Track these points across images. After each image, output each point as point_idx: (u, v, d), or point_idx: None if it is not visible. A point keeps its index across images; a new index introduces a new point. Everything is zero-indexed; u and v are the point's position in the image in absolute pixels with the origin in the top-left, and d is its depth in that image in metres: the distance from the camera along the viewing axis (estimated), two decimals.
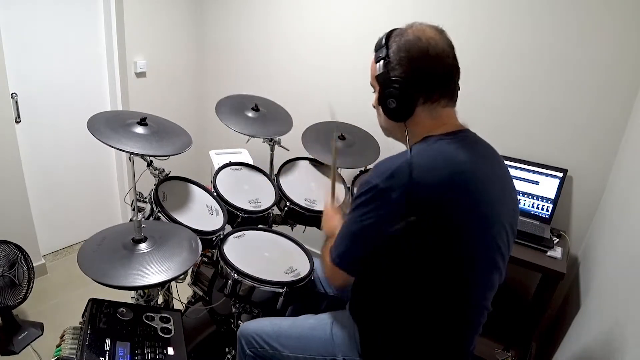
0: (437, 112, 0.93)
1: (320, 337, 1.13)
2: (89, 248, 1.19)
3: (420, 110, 0.91)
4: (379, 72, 0.92)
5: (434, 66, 0.89)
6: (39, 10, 2.08)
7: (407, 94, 0.90)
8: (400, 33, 0.91)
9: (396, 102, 0.91)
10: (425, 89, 0.90)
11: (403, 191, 0.82)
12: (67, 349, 1.03)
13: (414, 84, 0.89)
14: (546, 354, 1.66)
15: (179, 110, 2.85)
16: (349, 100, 2.32)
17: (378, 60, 0.93)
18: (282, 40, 2.48)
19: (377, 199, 0.86)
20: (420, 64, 0.89)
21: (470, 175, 0.88)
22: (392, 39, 0.91)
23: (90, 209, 2.64)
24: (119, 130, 1.35)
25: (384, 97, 0.93)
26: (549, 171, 1.80)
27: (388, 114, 0.94)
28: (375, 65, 0.94)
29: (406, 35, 0.90)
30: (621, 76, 1.65)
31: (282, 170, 1.90)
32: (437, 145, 0.89)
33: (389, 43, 0.91)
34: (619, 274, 1.16)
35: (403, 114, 0.93)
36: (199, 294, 1.71)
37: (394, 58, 0.89)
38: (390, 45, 0.91)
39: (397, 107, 0.91)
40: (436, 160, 0.87)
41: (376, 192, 0.85)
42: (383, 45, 0.92)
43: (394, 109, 0.92)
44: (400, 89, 0.90)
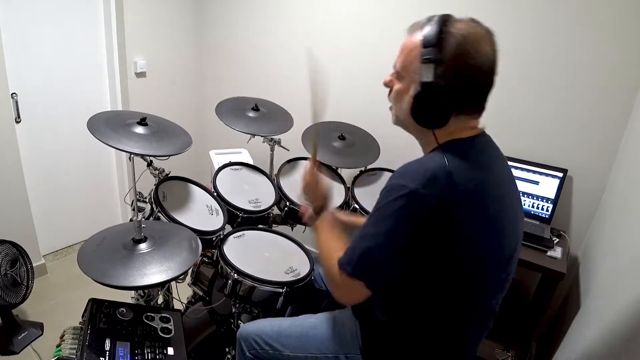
0: (465, 122, 0.88)
1: (322, 335, 1.12)
2: (89, 248, 1.19)
3: (452, 121, 0.85)
4: (427, 78, 0.81)
5: (483, 82, 0.84)
6: (39, 10, 2.08)
7: (449, 107, 0.83)
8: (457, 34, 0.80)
9: (434, 114, 0.84)
10: (465, 103, 0.85)
11: (440, 197, 0.78)
12: (67, 349, 1.03)
13: (458, 99, 0.83)
14: (546, 354, 1.66)
15: (179, 110, 2.85)
16: (349, 101, 2.32)
17: (428, 60, 0.80)
18: (282, 40, 2.48)
19: (413, 205, 0.79)
20: (472, 79, 0.82)
21: (493, 181, 0.87)
22: (447, 39, 0.80)
23: (90, 209, 2.64)
24: (119, 130, 1.35)
25: (422, 105, 0.84)
26: (549, 171, 1.80)
27: (417, 118, 0.86)
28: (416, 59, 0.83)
29: (466, 40, 0.80)
30: (621, 76, 1.65)
31: (282, 170, 1.90)
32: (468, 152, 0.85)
33: (443, 44, 0.80)
34: (619, 274, 1.16)
35: (435, 123, 0.85)
36: (199, 294, 1.71)
37: (448, 66, 0.80)
38: (445, 48, 0.79)
39: (432, 118, 0.84)
40: (472, 169, 0.83)
41: (413, 197, 0.78)
42: (434, 44, 0.80)
43: (428, 117, 0.85)
44: (443, 101, 0.82)
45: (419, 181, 0.78)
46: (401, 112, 0.91)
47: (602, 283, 1.33)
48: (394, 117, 0.96)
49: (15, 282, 1.74)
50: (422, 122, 0.86)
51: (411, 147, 1.00)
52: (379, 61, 2.16)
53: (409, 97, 0.86)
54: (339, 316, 1.15)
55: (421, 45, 0.82)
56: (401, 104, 0.90)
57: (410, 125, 0.91)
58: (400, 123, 0.95)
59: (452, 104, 0.83)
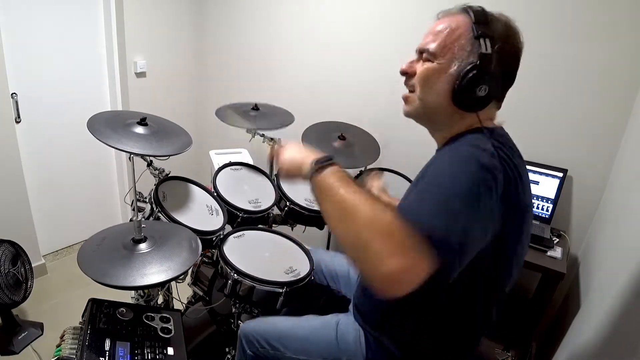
0: (492, 112, 0.88)
1: (325, 339, 1.10)
2: (89, 248, 1.19)
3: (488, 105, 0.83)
4: (486, 50, 0.77)
5: (516, 68, 0.84)
6: (39, 10, 2.08)
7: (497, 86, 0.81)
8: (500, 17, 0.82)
9: (486, 91, 0.79)
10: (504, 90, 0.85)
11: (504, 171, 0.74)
12: (67, 349, 1.03)
13: (505, 78, 0.83)
14: (546, 354, 1.66)
15: (179, 110, 2.85)
16: (349, 101, 2.32)
17: (482, 35, 0.78)
18: (282, 40, 2.48)
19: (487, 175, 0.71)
20: (516, 60, 0.83)
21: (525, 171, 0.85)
22: (494, 20, 0.81)
23: (90, 209, 2.64)
24: (119, 130, 1.35)
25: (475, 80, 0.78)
26: (549, 171, 1.80)
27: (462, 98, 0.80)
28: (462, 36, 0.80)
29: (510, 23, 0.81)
30: (621, 76, 1.65)
31: None
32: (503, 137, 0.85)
33: (493, 23, 0.80)
34: (619, 273, 1.16)
35: (480, 105, 0.81)
36: (199, 294, 1.71)
37: (502, 42, 0.79)
38: (495, 27, 0.80)
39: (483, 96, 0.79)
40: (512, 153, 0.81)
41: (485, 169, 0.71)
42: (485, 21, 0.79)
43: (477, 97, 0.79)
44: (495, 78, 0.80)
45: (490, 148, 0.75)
46: (432, 93, 0.83)
47: (602, 283, 1.33)
48: (415, 103, 0.87)
49: (18, 280, 1.75)
50: (463, 102, 0.80)
51: (411, 147, 1.01)
52: (380, 61, 2.16)
53: (448, 75, 0.81)
54: (342, 320, 1.13)
55: (472, 22, 0.80)
56: (435, 84, 0.82)
57: (440, 109, 0.84)
58: (425, 108, 0.86)
59: (498, 85, 0.81)
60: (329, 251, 1.63)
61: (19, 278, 1.75)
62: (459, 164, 0.73)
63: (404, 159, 2.07)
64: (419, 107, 0.87)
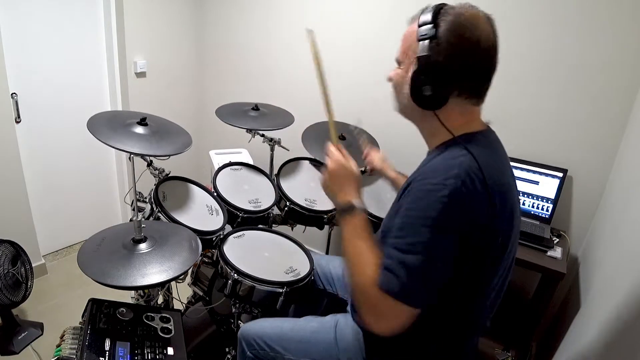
0: (467, 109, 0.88)
1: (324, 341, 1.10)
2: (89, 248, 1.19)
3: (452, 103, 0.84)
4: (422, 52, 0.81)
5: (481, 60, 0.83)
6: (39, 10, 2.08)
7: (446, 83, 0.82)
8: (453, 13, 0.81)
9: (432, 90, 0.82)
10: (464, 83, 0.83)
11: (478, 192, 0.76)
12: (67, 349, 1.03)
13: (455, 75, 0.82)
14: (546, 354, 1.66)
15: (179, 110, 2.85)
16: (349, 101, 2.32)
17: (423, 38, 0.81)
18: (282, 40, 2.48)
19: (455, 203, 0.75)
20: (468, 54, 0.81)
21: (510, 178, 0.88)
22: (442, 16, 0.81)
23: (90, 209, 2.64)
24: (119, 130, 1.35)
25: (419, 81, 0.83)
26: (549, 171, 1.80)
27: (417, 99, 0.85)
28: (413, 41, 0.84)
29: (460, 17, 0.81)
30: (621, 76, 1.65)
31: (282, 170, 1.90)
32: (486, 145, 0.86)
33: (438, 21, 0.81)
34: (619, 273, 1.16)
35: (433, 104, 0.85)
36: (199, 294, 1.71)
37: (443, 40, 0.80)
38: (440, 24, 0.80)
39: (431, 95, 0.83)
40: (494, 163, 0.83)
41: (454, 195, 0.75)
42: (431, 21, 0.81)
43: (427, 96, 0.83)
44: (440, 77, 0.81)
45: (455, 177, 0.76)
46: (402, 98, 0.90)
47: (602, 283, 1.33)
48: (395, 104, 0.95)
49: (17, 281, 1.75)
50: (421, 102, 0.85)
51: (411, 147, 1.01)
52: (380, 61, 2.16)
53: (407, 79, 0.86)
54: (341, 322, 1.13)
55: (418, 26, 0.83)
56: (402, 90, 0.89)
57: (412, 110, 0.89)
58: (402, 110, 0.94)
59: (449, 79, 0.82)
60: (324, 255, 1.64)
61: (18, 278, 1.75)
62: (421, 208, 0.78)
63: (404, 159, 2.07)
64: (398, 108, 0.95)
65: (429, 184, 0.78)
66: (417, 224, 0.77)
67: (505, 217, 0.83)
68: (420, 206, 0.78)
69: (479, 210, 0.77)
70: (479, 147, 0.83)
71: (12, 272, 1.72)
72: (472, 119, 0.89)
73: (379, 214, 1.73)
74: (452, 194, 0.75)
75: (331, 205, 1.77)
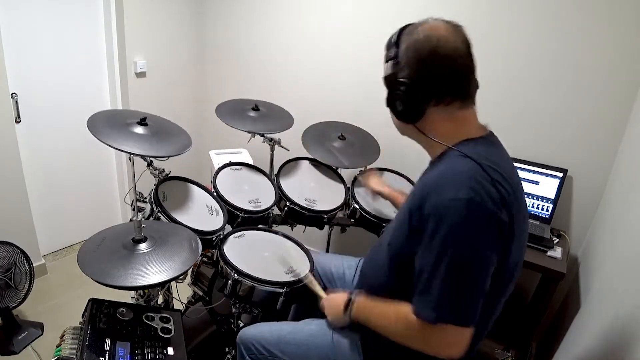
0: (454, 114, 0.88)
1: (321, 343, 1.10)
2: (89, 248, 1.19)
3: (433, 112, 0.87)
4: (387, 73, 0.90)
5: (443, 67, 0.84)
6: (39, 10, 2.08)
7: (415, 96, 0.86)
8: (410, 31, 0.87)
9: (403, 105, 0.88)
10: (435, 91, 0.86)
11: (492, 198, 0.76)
12: (67, 349, 1.03)
13: (421, 86, 0.86)
14: (546, 354, 1.66)
15: (179, 110, 2.85)
16: (349, 100, 2.32)
17: (387, 59, 0.90)
18: (282, 40, 2.48)
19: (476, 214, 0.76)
20: (428, 64, 0.84)
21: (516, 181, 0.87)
22: (403, 37, 0.87)
23: (90, 209, 2.64)
24: (119, 130, 1.35)
25: (391, 98, 0.90)
26: (549, 171, 1.80)
27: (397, 116, 0.92)
28: (385, 65, 0.92)
29: (416, 33, 0.86)
30: (621, 76, 1.65)
31: (282, 170, 1.90)
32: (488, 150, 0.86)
33: (399, 42, 0.88)
34: (619, 274, 1.16)
35: (411, 116, 0.89)
36: (199, 294, 1.71)
37: (402, 58, 0.86)
38: (400, 45, 0.87)
39: (404, 109, 0.89)
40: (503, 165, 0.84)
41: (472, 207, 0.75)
42: (393, 44, 0.89)
43: (402, 111, 0.89)
44: (406, 91, 0.86)
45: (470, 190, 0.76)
46: (392, 117, 0.96)
47: (602, 283, 1.33)
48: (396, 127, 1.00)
49: (8, 285, 1.74)
50: (401, 117, 0.91)
51: (411, 147, 1.00)
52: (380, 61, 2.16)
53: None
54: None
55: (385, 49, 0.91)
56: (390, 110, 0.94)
57: (402, 127, 0.96)
58: (399, 130, 0.99)
59: (418, 91, 0.86)
60: (325, 254, 1.64)
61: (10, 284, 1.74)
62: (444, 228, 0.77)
63: (404, 159, 2.07)
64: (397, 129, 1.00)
65: (444, 203, 0.78)
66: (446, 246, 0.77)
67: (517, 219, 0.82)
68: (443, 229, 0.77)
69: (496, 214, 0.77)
70: (480, 152, 0.83)
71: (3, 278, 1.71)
72: (465, 124, 0.89)
73: (377, 213, 1.73)
74: (468, 206, 0.75)
75: (331, 205, 1.78)
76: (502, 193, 0.78)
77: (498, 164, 0.83)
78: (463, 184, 0.77)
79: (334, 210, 1.77)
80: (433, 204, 0.79)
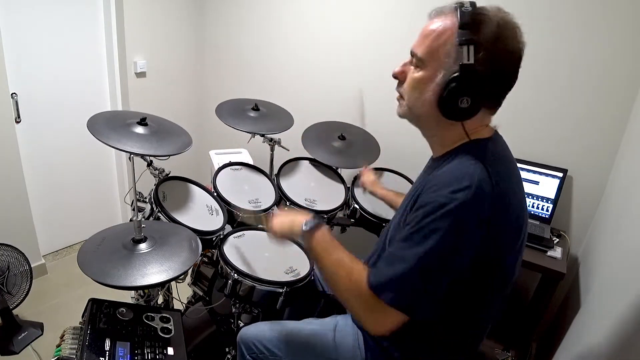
0: (486, 118, 0.85)
1: (323, 343, 1.10)
2: (89, 248, 1.19)
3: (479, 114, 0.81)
4: (467, 60, 0.74)
5: (514, 72, 0.79)
6: (39, 10, 2.08)
7: (484, 95, 0.78)
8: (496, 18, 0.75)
9: (469, 102, 0.76)
10: (498, 95, 0.80)
11: (490, 203, 0.74)
12: (67, 349, 1.03)
13: (494, 87, 0.78)
14: (546, 354, 1.66)
15: (179, 110, 2.85)
16: (349, 100, 2.32)
17: (466, 42, 0.74)
18: (282, 40, 2.48)
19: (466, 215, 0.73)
20: (508, 65, 0.77)
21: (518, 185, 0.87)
22: (485, 21, 0.75)
23: (90, 209, 2.64)
24: (119, 130, 1.34)
25: (457, 91, 0.76)
26: (549, 171, 1.80)
27: (446, 109, 0.79)
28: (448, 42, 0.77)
29: (503, 24, 0.75)
30: (621, 76, 1.65)
31: (282, 170, 1.90)
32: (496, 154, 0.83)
33: (481, 26, 0.74)
34: (619, 273, 1.16)
35: (463, 115, 0.79)
36: (199, 294, 1.70)
37: (488, 48, 0.74)
38: (483, 30, 0.74)
39: (467, 107, 0.77)
40: (505, 172, 0.81)
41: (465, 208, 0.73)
42: (472, 24, 0.74)
43: (461, 108, 0.77)
44: (481, 88, 0.76)
45: (466, 190, 0.73)
46: (419, 102, 0.83)
47: (602, 283, 1.33)
48: (404, 108, 0.88)
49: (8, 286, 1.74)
50: (449, 113, 0.79)
51: (411, 147, 1.00)
52: (380, 61, 2.16)
53: (434, 85, 0.79)
54: (341, 323, 1.13)
55: (457, 26, 0.75)
56: (421, 94, 0.82)
57: (428, 117, 0.84)
58: (413, 115, 0.87)
59: (486, 95, 0.78)
60: None
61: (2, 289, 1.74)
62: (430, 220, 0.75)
63: (404, 159, 2.07)
64: (407, 112, 0.88)
65: (440, 195, 0.75)
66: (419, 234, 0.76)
67: (513, 225, 0.82)
68: (431, 219, 0.75)
69: (490, 217, 0.75)
70: (488, 153, 0.81)
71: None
72: (483, 125, 0.87)
73: (377, 213, 1.73)
74: (461, 206, 0.73)
75: (331, 205, 1.77)
76: (502, 197, 0.77)
77: (502, 166, 0.82)
78: (464, 184, 0.74)
79: (334, 210, 1.77)
80: (428, 195, 0.77)
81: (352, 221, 1.80)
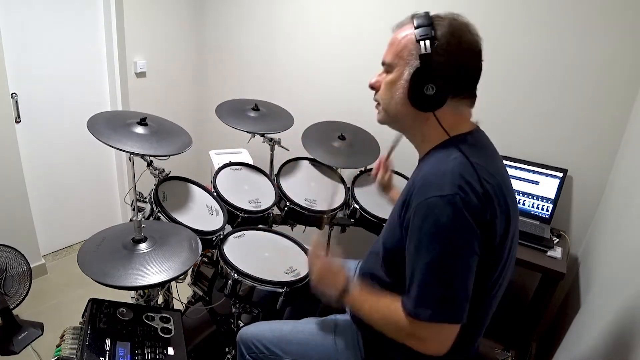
0: (460, 110, 0.89)
1: (322, 343, 1.10)
2: (89, 248, 1.19)
3: (448, 104, 0.85)
4: (425, 51, 0.82)
5: (475, 63, 0.85)
6: (39, 10, 2.08)
7: (446, 83, 0.83)
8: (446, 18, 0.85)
9: (434, 89, 0.82)
10: (460, 84, 0.86)
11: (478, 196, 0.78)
12: (67, 349, 1.03)
13: (454, 75, 0.83)
14: (546, 354, 1.66)
15: (179, 110, 2.85)
16: (349, 100, 2.32)
17: (423, 38, 0.82)
18: (282, 40, 2.48)
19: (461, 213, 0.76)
20: (465, 56, 0.84)
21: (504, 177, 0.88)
22: (438, 20, 0.84)
23: (90, 209, 2.64)
24: (119, 130, 1.35)
25: (421, 80, 0.83)
26: (549, 171, 1.80)
27: (416, 99, 0.85)
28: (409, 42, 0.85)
29: (455, 22, 0.84)
30: (621, 76, 1.65)
31: (282, 170, 1.90)
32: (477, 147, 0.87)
33: (435, 24, 0.83)
34: (619, 273, 1.16)
35: (432, 104, 0.85)
36: (199, 294, 1.71)
37: (443, 41, 0.82)
38: (437, 27, 0.83)
39: (433, 95, 0.83)
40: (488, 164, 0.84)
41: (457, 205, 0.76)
42: (427, 24, 0.83)
43: (428, 96, 0.83)
44: (441, 76, 0.82)
45: (451, 185, 0.77)
46: (393, 102, 0.90)
47: (602, 283, 1.33)
48: (381, 113, 0.95)
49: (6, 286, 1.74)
50: (418, 103, 0.86)
51: (411, 146, 1.00)
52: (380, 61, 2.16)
53: (403, 81, 0.87)
54: (340, 323, 1.13)
55: (414, 28, 0.85)
56: (393, 94, 0.90)
57: (405, 116, 0.90)
58: (391, 117, 0.94)
59: (449, 79, 0.83)
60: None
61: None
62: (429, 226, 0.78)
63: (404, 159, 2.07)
64: (385, 116, 0.95)
65: (429, 199, 0.78)
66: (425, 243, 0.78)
67: (503, 214, 0.83)
68: (428, 224, 0.78)
69: (481, 210, 0.78)
70: (469, 147, 0.85)
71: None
72: (462, 120, 0.91)
73: (377, 213, 1.73)
74: (453, 203, 0.76)
75: (331, 205, 1.77)
76: (488, 189, 0.80)
77: (485, 160, 0.85)
78: (449, 181, 0.78)
79: (334, 210, 1.78)
80: (419, 200, 0.80)
81: (352, 221, 1.80)
